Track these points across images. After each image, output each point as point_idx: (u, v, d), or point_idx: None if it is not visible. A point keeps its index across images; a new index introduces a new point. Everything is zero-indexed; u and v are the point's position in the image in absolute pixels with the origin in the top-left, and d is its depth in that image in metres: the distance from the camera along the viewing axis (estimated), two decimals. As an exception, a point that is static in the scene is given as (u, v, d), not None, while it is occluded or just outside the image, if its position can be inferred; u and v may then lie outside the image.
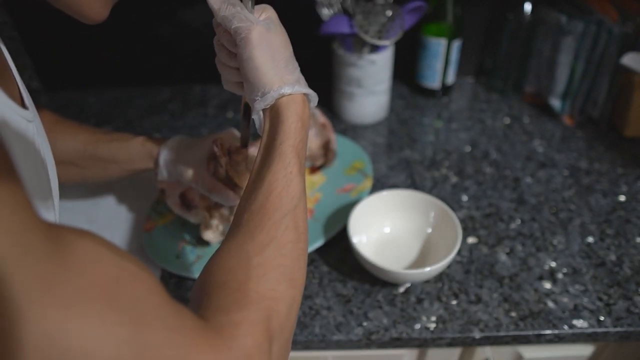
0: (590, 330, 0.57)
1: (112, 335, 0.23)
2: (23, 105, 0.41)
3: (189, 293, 0.63)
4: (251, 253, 0.37)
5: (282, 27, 0.48)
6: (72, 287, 0.23)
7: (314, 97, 0.48)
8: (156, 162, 0.63)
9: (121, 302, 0.24)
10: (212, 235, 0.63)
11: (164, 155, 0.62)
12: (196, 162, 0.60)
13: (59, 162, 0.63)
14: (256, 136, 0.52)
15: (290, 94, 0.45)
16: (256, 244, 0.37)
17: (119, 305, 0.24)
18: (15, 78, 0.43)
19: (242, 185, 0.57)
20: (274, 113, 0.45)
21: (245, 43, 0.44)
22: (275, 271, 0.36)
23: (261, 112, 0.47)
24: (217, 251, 0.39)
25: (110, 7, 0.42)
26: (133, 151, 0.64)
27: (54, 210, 0.41)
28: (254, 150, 0.63)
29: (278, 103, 0.45)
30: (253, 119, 0.48)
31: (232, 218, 0.62)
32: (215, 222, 0.63)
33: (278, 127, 0.44)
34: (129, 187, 0.79)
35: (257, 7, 0.48)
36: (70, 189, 0.77)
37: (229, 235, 0.40)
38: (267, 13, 0.48)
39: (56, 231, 0.24)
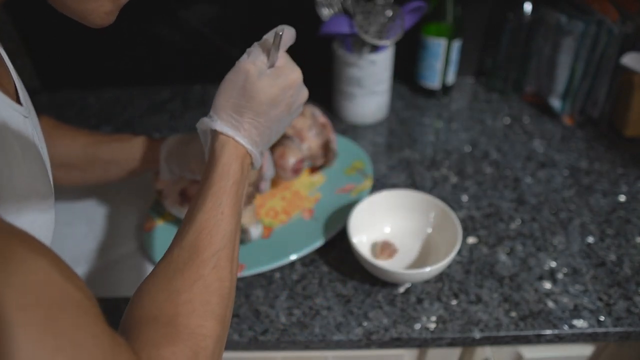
0: (590, 330, 0.57)
1: None
2: (18, 101, 0.41)
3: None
4: (180, 289, 0.38)
5: (289, 92, 0.48)
6: (13, 306, 0.23)
7: (257, 160, 0.48)
8: (157, 161, 0.63)
9: (61, 327, 0.24)
10: None
11: (164, 153, 0.62)
12: (198, 153, 0.59)
13: (60, 166, 0.63)
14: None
15: (229, 137, 0.46)
16: (185, 280, 0.39)
17: (58, 330, 0.24)
18: (11, 74, 0.43)
19: None
20: (211, 151, 0.47)
21: (234, 68, 0.47)
22: (203, 308, 0.38)
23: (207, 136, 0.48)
24: (146, 282, 0.40)
25: (116, 13, 0.42)
26: (134, 151, 0.64)
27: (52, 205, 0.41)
28: None
29: (216, 143, 0.46)
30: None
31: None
32: None
33: (213, 167, 0.45)
34: (129, 187, 0.79)
35: (285, 60, 0.48)
36: (71, 190, 0.77)
37: (159, 268, 0.41)
38: (282, 68, 0.48)
39: (8, 245, 0.24)
